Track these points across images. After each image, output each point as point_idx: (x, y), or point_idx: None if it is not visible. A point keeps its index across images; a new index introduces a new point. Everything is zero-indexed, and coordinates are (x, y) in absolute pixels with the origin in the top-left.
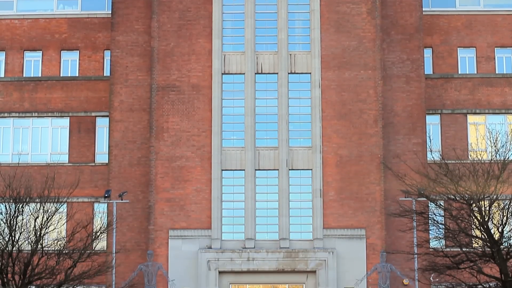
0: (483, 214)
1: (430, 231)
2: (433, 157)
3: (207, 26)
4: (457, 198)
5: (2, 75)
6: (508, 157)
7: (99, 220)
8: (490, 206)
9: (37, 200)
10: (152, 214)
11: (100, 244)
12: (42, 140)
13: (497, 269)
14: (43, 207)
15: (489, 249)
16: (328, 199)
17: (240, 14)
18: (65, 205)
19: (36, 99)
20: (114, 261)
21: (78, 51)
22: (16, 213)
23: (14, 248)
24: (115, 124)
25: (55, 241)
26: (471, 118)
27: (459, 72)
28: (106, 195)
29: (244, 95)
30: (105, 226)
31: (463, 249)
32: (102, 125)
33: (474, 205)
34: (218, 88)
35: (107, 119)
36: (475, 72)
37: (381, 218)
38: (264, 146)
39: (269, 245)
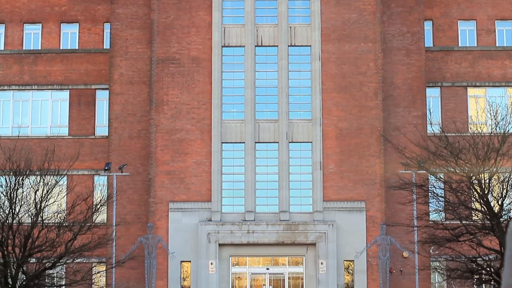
0: (483, 187)
1: (430, 204)
2: (433, 130)
3: None
4: (457, 171)
5: (2, 48)
6: (508, 130)
7: (99, 193)
8: (490, 179)
9: (37, 173)
10: (152, 186)
11: (100, 217)
12: (42, 113)
13: (496, 242)
14: (43, 180)
15: (488, 222)
16: (328, 172)
17: None
18: (65, 177)
19: (36, 72)
20: (114, 233)
21: (77, 24)
22: (16, 186)
23: (14, 221)
24: (115, 97)
25: (55, 214)
26: (471, 91)
27: (459, 45)
28: (106, 167)
29: (244, 68)
30: (105, 199)
31: (463, 222)
32: (102, 98)
33: (474, 178)
34: (218, 61)
35: (107, 92)
36: (475, 45)
37: (381, 191)
38: (264, 118)
39: (269, 217)
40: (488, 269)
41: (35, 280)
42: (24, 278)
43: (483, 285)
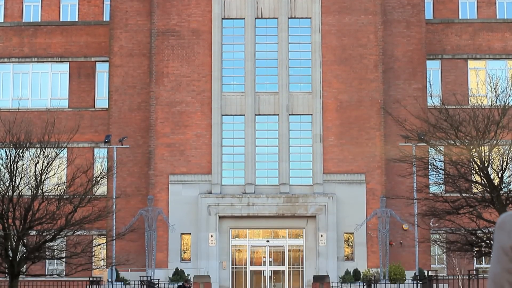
0: (483, 159)
1: (429, 176)
2: (433, 103)
3: None
4: (457, 144)
5: (2, 20)
6: (508, 103)
7: (99, 165)
8: (490, 152)
9: (37, 145)
10: (152, 159)
11: (101, 189)
12: (42, 85)
13: (496, 215)
14: (43, 152)
15: (488, 195)
16: (328, 144)
17: None
18: (65, 150)
19: (36, 44)
20: (114, 206)
21: None
22: (16, 158)
23: (14, 194)
24: (115, 69)
25: (56, 186)
26: (471, 64)
27: (460, 17)
28: (106, 140)
29: (244, 40)
30: (105, 171)
31: (463, 195)
32: (102, 70)
33: (474, 150)
34: (218, 33)
35: (107, 64)
36: (476, 17)
37: (381, 163)
38: (264, 91)
39: (269, 190)
40: (488, 241)
41: (36, 253)
42: (25, 250)
43: (483, 257)
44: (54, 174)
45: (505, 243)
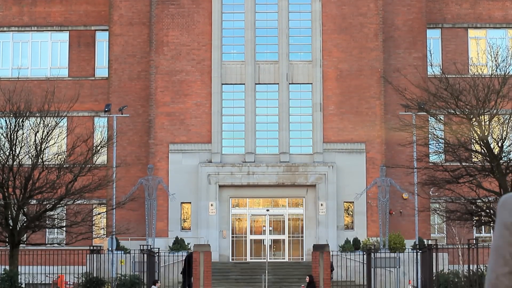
0: (483, 128)
1: (429, 146)
2: (433, 72)
3: None
4: (457, 113)
5: None
6: (509, 72)
7: (99, 134)
8: (490, 121)
9: (37, 114)
10: (152, 128)
11: (101, 158)
12: (42, 55)
13: (496, 184)
14: (43, 122)
15: (488, 164)
16: (328, 113)
17: None
18: (65, 119)
19: (36, 13)
20: (114, 175)
21: None
22: (16, 127)
23: (14, 163)
24: (114, 38)
25: (56, 156)
26: (472, 32)
27: None
28: (106, 109)
29: (244, 9)
30: (105, 140)
31: (463, 164)
32: (101, 39)
33: (474, 119)
34: (218, 2)
35: (107, 33)
36: None
37: (381, 132)
38: (264, 60)
39: (269, 159)
40: (488, 210)
41: (36, 222)
42: (25, 219)
43: (483, 226)
44: (54, 143)
45: (506, 220)
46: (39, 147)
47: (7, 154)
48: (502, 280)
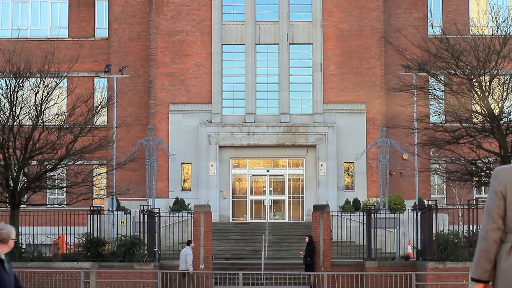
0: (484, 89)
1: (430, 106)
2: (434, 32)
3: None
4: (458, 73)
5: None
6: (509, 32)
7: (100, 95)
8: (490, 81)
9: (37, 75)
10: (153, 88)
11: (101, 119)
12: (42, 15)
13: (496, 144)
14: (43, 82)
15: (488, 124)
16: (328, 74)
17: None
18: (65, 80)
19: None
20: (114, 135)
21: None
22: (17, 88)
23: (15, 123)
24: None
25: (56, 116)
26: None
27: None
28: (106, 69)
29: None
30: (106, 101)
31: (463, 124)
32: None
33: (474, 80)
34: None
35: None
36: None
37: (382, 93)
38: (265, 20)
39: (269, 119)
40: (488, 171)
41: (36, 182)
42: (25, 180)
43: (482, 187)
44: (54, 104)
45: (496, 188)
46: (39, 108)
47: (7, 115)
48: (491, 234)
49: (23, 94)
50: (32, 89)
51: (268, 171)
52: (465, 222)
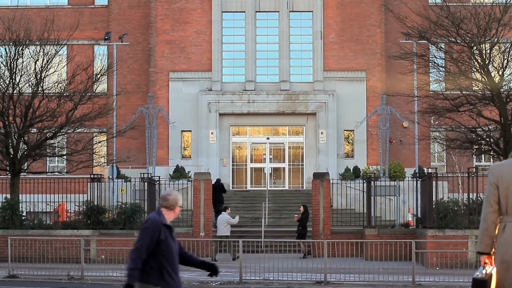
0: (484, 57)
1: (430, 74)
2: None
3: None
4: (458, 41)
5: None
6: (510, 0)
7: (99, 63)
8: (491, 49)
9: (37, 42)
10: (153, 56)
11: (101, 87)
12: None
13: (496, 112)
14: (43, 50)
15: (489, 92)
16: (328, 41)
17: None
18: (65, 47)
19: None
20: (115, 103)
21: None
22: (16, 56)
23: (14, 91)
24: None
25: (56, 84)
26: None
27: None
28: (106, 37)
29: None
30: (105, 69)
31: (463, 92)
32: None
33: (475, 48)
34: None
35: None
36: None
37: (382, 61)
38: None
39: (269, 87)
40: (488, 139)
41: (36, 150)
42: (26, 148)
43: (482, 155)
44: (54, 72)
45: (492, 180)
46: (39, 76)
47: (7, 82)
48: (489, 216)
49: (22, 62)
50: (32, 56)
51: (268, 138)
52: (465, 190)
